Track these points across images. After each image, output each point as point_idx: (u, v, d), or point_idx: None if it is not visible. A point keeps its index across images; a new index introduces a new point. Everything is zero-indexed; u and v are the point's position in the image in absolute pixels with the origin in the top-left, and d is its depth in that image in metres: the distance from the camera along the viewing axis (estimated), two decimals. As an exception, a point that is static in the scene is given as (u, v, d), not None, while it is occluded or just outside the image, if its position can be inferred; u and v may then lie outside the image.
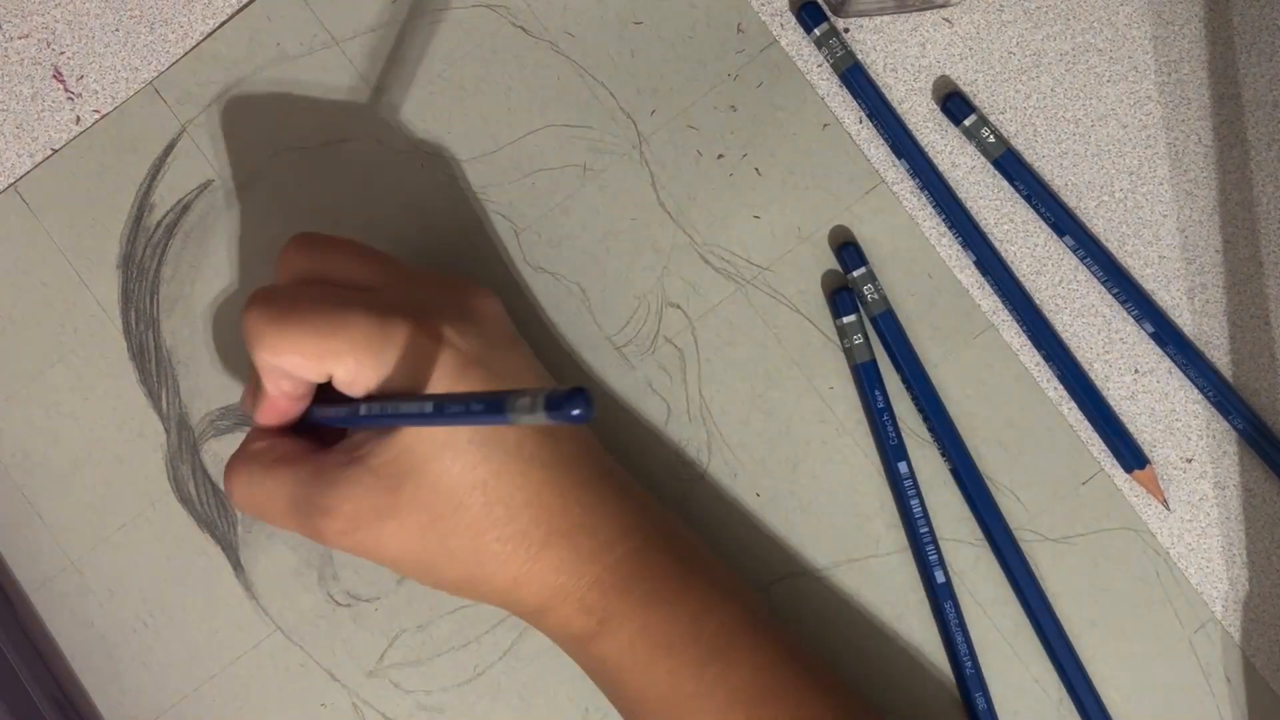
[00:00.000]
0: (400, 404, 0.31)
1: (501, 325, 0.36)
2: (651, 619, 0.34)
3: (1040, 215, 0.40)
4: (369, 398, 0.33)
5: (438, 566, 0.34)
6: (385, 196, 0.40)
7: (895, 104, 0.41)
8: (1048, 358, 0.40)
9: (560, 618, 0.35)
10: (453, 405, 0.29)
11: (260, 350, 0.32)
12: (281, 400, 0.34)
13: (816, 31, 0.40)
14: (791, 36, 0.41)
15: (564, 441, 0.35)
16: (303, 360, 0.32)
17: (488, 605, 0.38)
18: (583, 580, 0.34)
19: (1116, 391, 0.40)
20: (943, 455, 0.40)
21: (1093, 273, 0.40)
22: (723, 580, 0.36)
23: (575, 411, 0.26)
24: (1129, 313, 0.40)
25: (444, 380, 0.33)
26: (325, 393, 0.35)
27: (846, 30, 0.41)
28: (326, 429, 0.36)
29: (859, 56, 0.40)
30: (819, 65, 0.41)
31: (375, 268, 0.35)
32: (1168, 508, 0.40)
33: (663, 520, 0.36)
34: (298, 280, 0.35)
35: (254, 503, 0.35)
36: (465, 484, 0.33)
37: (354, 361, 0.32)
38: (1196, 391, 0.40)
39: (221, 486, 0.40)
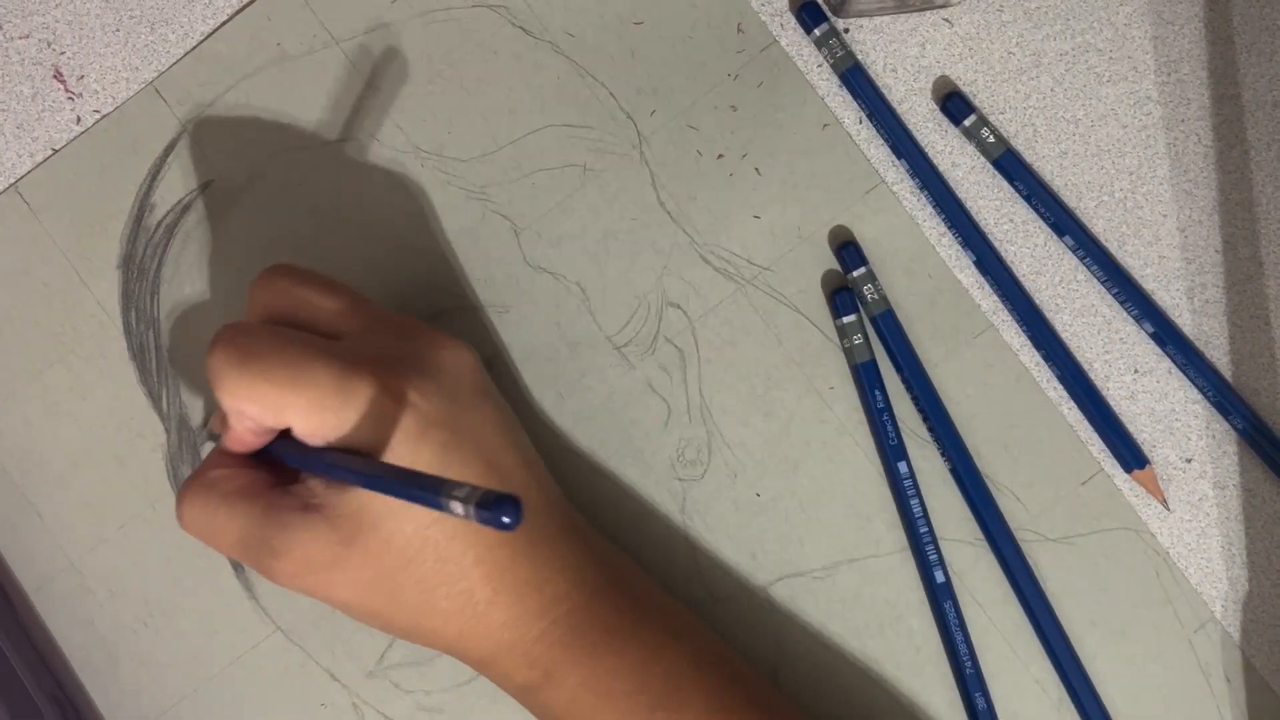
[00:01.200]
0: (347, 466, 0.32)
1: (469, 381, 0.35)
2: (597, 669, 0.34)
3: (1040, 215, 0.40)
4: (323, 449, 0.33)
5: (385, 615, 0.34)
6: (385, 196, 0.41)
7: (895, 104, 0.41)
8: (1047, 358, 0.40)
9: (504, 669, 0.35)
10: (395, 480, 0.30)
11: (221, 393, 0.32)
12: (245, 434, 0.34)
13: (816, 32, 0.40)
14: (791, 36, 0.41)
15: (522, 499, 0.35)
16: (260, 410, 0.32)
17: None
18: (528, 635, 0.34)
19: (1116, 391, 0.40)
20: (943, 455, 0.40)
21: (1092, 273, 0.40)
22: (675, 623, 0.36)
23: (504, 519, 0.26)
24: (1129, 313, 0.40)
25: (403, 443, 0.32)
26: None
27: (846, 30, 0.41)
28: (283, 466, 0.36)
29: (859, 57, 0.40)
30: (819, 65, 0.41)
31: (344, 311, 0.35)
32: (1167, 508, 0.40)
33: (616, 569, 0.36)
34: (265, 317, 0.35)
35: (203, 530, 0.35)
36: (417, 543, 0.33)
37: (313, 417, 0.32)
38: (1196, 391, 0.40)
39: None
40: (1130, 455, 0.39)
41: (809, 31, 0.40)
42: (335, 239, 0.40)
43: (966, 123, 0.40)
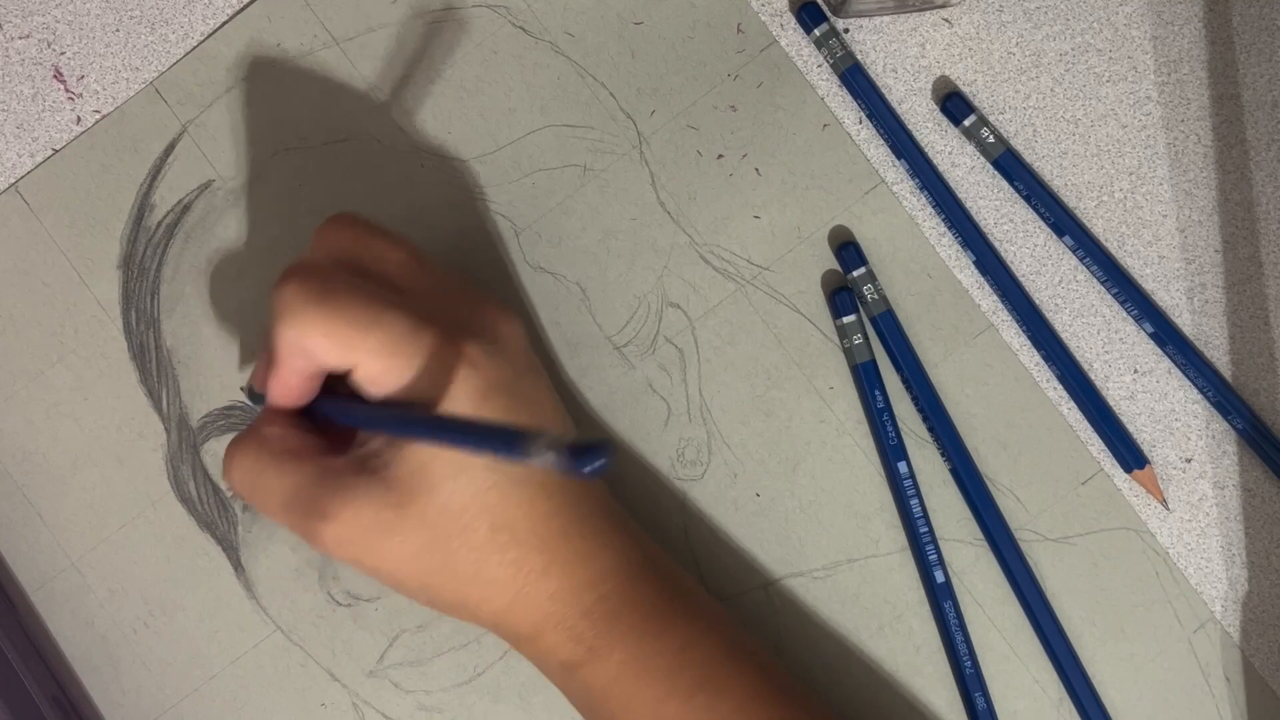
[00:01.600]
0: (418, 419, 0.31)
1: (524, 351, 0.36)
2: (641, 648, 0.34)
3: (1040, 215, 0.40)
4: (383, 402, 0.33)
5: (434, 586, 0.34)
6: (385, 196, 0.41)
7: (895, 104, 0.41)
8: (1047, 358, 0.40)
9: (549, 644, 0.35)
10: (472, 433, 0.29)
11: (288, 326, 0.32)
12: (292, 378, 0.33)
13: (816, 32, 0.40)
14: (791, 36, 0.41)
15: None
16: (330, 346, 0.32)
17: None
18: (575, 609, 0.34)
19: (1116, 391, 0.40)
20: (943, 455, 0.40)
21: (1092, 273, 0.40)
22: (708, 613, 0.36)
23: (596, 464, 0.26)
24: (1129, 313, 0.40)
25: (466, 401, 0.32)
26: (332, 387, 0.35)
27: (846, 30, 0.41)
28: (334, 433, 0.36)
29: (859, 57, 0.40)
30: (819, 65, 0.41)
31: (411, 267, 0.35)
32: (1167, 508, 0.40)
33: (654, 554, 0.36)
34: (333, 261, 0.34)
35: (252, 489, 0.34)
36: (474, 507, 0.33)
37: (381, 361, 0.32)
38: (1196, 391, 0.40)
39: (222, 486, 0.40)
40: (1130, 455, 0.39)
41: (809, 31, 0.40)
42: (335, 239, 0.40)
43: (966, 123, 0.40)
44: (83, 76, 0.41)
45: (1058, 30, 0.41)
